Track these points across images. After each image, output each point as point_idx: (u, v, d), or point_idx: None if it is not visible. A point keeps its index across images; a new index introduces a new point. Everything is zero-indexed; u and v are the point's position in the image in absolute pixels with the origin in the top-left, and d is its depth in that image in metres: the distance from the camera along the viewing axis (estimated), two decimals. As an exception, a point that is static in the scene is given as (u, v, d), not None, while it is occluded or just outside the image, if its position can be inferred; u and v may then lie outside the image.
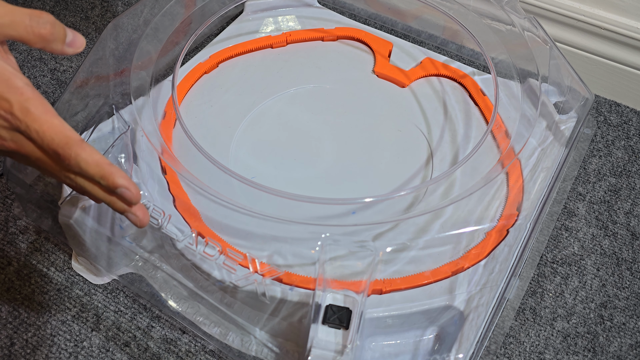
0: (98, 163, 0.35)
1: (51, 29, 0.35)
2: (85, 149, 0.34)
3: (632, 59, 0.74)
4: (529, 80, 0.58)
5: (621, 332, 0.56)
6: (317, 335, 0.43)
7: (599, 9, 0.73)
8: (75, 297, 0.56)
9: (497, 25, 0.61)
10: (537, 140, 0.57)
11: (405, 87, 0.64)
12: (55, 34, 0.35)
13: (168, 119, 0.58)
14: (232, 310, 0.50)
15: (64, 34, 0.36)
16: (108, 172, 0.35)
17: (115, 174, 0.35)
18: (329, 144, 0.58)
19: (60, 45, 0.36)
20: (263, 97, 0.62)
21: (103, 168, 0.35)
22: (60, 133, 0.34)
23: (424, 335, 0.48)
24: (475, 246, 0.49)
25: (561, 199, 0.64)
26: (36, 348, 0.53)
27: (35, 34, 0.34)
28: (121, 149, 0.50)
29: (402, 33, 0.79)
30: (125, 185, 0.36)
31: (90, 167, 0.34)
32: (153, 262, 0.53)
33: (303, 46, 0.69)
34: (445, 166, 0.56)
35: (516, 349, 0.55)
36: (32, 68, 0.78)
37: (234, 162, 0.56)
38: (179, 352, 0.53)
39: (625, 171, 0.69)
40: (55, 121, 0.34)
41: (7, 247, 0.60)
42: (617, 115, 0.76)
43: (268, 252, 0.48)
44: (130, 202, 0.37)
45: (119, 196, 0.37)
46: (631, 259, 0.62)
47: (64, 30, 0.36)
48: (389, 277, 0.47)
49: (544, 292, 0.59)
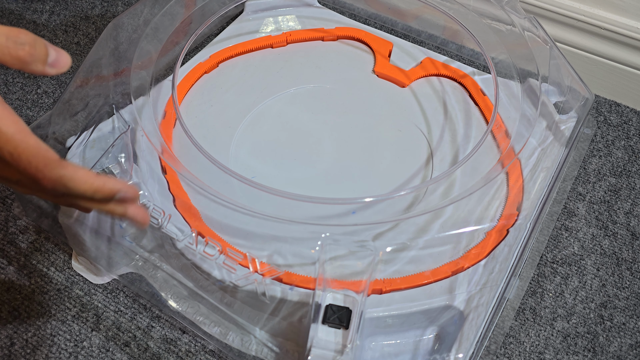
0: (86, 180, 0.32)
1: (30, 50, 0.31)
2: (67, 168, 0.31)
3: (632, 59, 0.74)
4: (529, 80, 0.59)
5: (621, 332, 0.56)
6: (317, 334, 0.43)
7: (599, 9, 0.73)
8: (75, 297, 0.56)
9: (497, 25, 0.61)
10: (537, 140, 0.57)
11: (405, 87, 0.64)
12: (35, 54, 0.32)
13: (168, 119, 0.58)
14: (232, 310, 0.50)
15: (45, 53, 0.33)
16: (100, 184, 0.33)
17: (107, 183, 0.33)
18: (329, 144, 0.58)
19: (40, 66, 0.33)
20: (263, 97, 0.62)
21: (93, 183, 0.33)
22: (37, 155, 0.31)
23: (424, 335, 0.48)
24: (475, 246, 0.49)
25: (561, 199, 0.64)
26: (36, 348, 0.53)
27: (13, 56, 0.31)
28: (121, 149, 0.50)
29: (402, 33, 0.79)
30: (120, 189, 0.34)
31: (80, 185, 0.32)
32: (153, 262, 0.53)
33: (303, 46, 0.69)
34: (445, 166, 0.56)
35: (516, 349, 0.55)
36: (32, 68, 0.78)
37: (234, 162, 0.56)
38: (179, 352, 0.53)
39: (625, 171, 0.69)
40: (30, 141, 0.30)
41: (7, 247, 0.60)
42: (617, 115, 0.76)
43: (268, 251, 0.48)
44: (132, 200, 0.36)
45: (118, 200, 0.35)
46: (631, 259, 0.62)
47: (46, 50, 0.32)
48: (389, 277, 0.47)
49: (544, 292, 0.59)
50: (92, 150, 0.52)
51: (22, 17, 0.85)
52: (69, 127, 0.56)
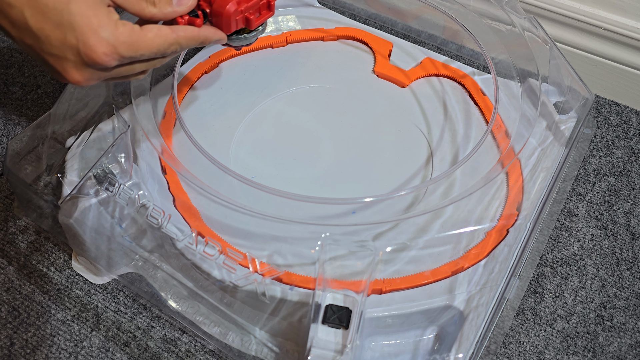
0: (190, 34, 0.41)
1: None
2: (178, 32, 0.40)
3: (632, 59, 0.74)
4: (529, 80, 0.59)
5: (621, 332, 0.56)
6: (317, 334, 0.43)
7: (599, 9, 0.73)
8: (75, 297, 0.56)
9: (497, 25, 0.61)
10: (537, 140, 0.57)
11: (405, 87, 0.64)
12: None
13: (168, 119, 0.58)
14: (232, 309, 0.50)
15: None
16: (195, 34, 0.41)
17: (179, 32, 0.40)
18: (329, 144, 0.58)
19: (169, 7, 0.40)
20: (263, 97, 0.62)
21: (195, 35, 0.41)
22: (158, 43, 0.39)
23: (423, 335, 0.48)
24: (475, 246, 0.49)
25: (561, 199, 0.64)
26: (36, 348, 0.53)
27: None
28: (121, 149, 0.50)
29: (402, 33, 0.79)
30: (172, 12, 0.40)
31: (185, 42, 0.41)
32: (153, 262, 0.53)
33: (303, 46, 0.69)
34: (445, 166, 0.56)
35: (516, 349, 0.55)
36: (32, 68, 0.78)
37: (234, 161, 0.56)
38: (179, 352, 0.53)
39: (625, 171, 0.69)
40: (149, 35, 0.38)
41: (7, 247, 0.60)
42: (617, 115, 0.76)
43: (268, 251, 0.48)
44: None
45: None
46: (631, 259, 0.62)
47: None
48: (389, 277, 0.47)
49: (544, 292, 0.59)
50: (92, 150, 0.52)
51: (22, 17, 0.85)
52: (69, 127, 0.56)
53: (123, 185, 0.49)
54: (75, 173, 0.50)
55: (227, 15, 0.43)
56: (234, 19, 0.44)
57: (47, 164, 0.55)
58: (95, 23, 0.36)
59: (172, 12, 0.40)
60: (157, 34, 0.39)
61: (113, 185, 0.49)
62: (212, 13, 0.43)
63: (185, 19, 0.41)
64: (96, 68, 0.37)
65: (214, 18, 0.44)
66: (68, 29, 0.35)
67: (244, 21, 0.45)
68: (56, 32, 0.35)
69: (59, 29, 0.35)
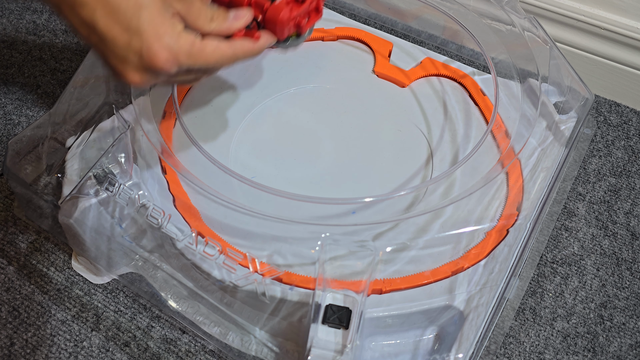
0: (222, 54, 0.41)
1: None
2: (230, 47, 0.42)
3: (632, 59, 0.74)
4: (529, 80, 0.58)
5: (621, 332, 0.56)
6: (317, 334, 0.43)
7: (599, 9, 0.73)
8: (75, 297, 0.56)
9: (497, 25, 0.61)
10: (537, 140, 0.57)
11: (405, 87, 0.64)
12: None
13: (168, 119, 0.58)
14: (232, 309, 0.50)
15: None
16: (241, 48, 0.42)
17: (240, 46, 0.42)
18: (329, 144, 0.58)
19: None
20: (263, 97, 0.62)
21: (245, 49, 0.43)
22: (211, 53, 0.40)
23: (423, 335, 0.48)
24: (475, 246, 0.49)
25: (561, 199, 0.64)
26: (36, 348, 0.53)
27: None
28: (121, 149, 0.50)
29: (402, 33, 0.79)
30: (232, 26, 0.42)
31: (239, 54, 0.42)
32: (153, 262, 0.53)
33: (303, 46, 0.68)
34: (445, 166, 0.56)
35: (516, 349, 0.55)
36: (32, 68, 0.78)
37: (234, 161, 0.56)
38: (179, 352, 0.53)
39: (625, 171, 0.69)
40: (207, 49, 0.40)
41: (7, 247, 0.60)
42: (617, 115, 0.76)
43: (268, 251, 0.48)
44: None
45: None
46: (631, 259, 0.62)
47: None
48: (389, 276, 0.47)
49: (544, 292, 0.59)
50: (92, 150, 0.52)
51: (22, 17, 0.85)
52: (69, 127, 0.56)
53: (123, 185, 0.49)
54: (75, 173, 0.50)
55: (280, 23, 0.44)
56: (287, 26, 0.45)
57: (47, 164, 0.55)
58: (161, 31, 0.37)
59: (227, 29, 0.41)
60: (216, 49, 0.40)
61: (113, 185, 0.49)
62: (265, 19, 0.44)
63: (242, 32, 0.43)
64: (155, 72, 0.39)
65: (267, 25, 0.44)
66: (134, 34, 0.37)
67: (295, 26, 0.46)
68: (123, 35, 0.37)
69: (126, 32, 0.37)
